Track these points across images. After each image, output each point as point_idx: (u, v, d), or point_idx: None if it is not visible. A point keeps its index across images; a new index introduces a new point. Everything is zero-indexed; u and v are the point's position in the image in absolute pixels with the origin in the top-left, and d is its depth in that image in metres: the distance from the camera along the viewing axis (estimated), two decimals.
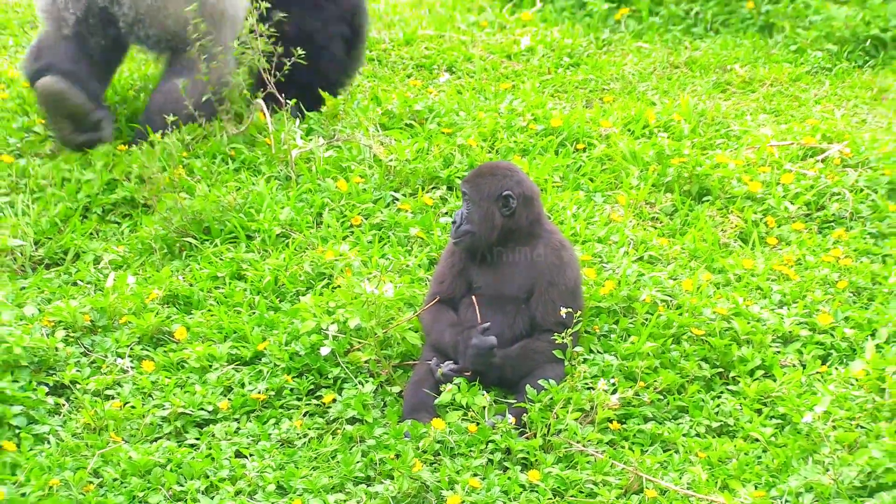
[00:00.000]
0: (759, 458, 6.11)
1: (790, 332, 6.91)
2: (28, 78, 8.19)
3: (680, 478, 5.97)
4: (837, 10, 10.11)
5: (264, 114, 8.14)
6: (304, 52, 8.48)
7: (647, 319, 6.67)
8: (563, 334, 6.29)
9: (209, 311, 6.92)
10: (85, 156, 7.87)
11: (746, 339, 6.78)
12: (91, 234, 7.55)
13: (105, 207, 7.67)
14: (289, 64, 8.28)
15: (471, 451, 5.96)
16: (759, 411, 6.49)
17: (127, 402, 6.41)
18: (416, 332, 6.62)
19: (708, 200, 7.85)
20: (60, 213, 7.57)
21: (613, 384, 6.33)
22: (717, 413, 6.50)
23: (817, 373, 6.67)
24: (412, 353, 6.58)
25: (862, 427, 6.30)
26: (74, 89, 7.92)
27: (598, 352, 6.58)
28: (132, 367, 6.63)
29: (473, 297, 6.56)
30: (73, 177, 7.76)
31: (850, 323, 7.04)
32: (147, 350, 6.77)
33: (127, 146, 8.02)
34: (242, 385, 6.49)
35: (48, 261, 7.41)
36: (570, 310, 6.36)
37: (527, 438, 6.12)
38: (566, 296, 6.57)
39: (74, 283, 7.22)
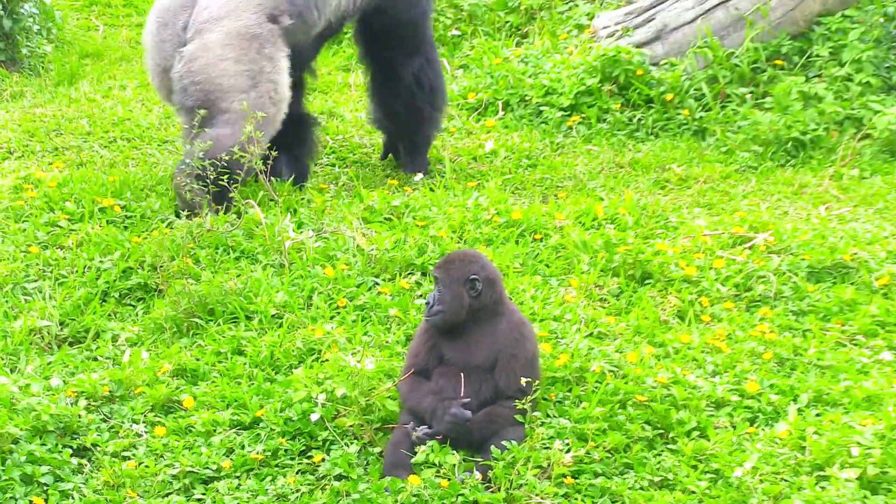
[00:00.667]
0: None
1: (722, 397, 6.95)
2: None
3: None
4: (762, 116, 10.17)
5: (258, 211, 8.22)
6: None
7: (596, 387, 6.69)
8: (524, 401, 6.35)
9: (213, 382, 6.95)
10: (104, 245, 7.93)
11: (684, 404, 6.81)
12: (109, 315, 7.58)
13: (122, 292, 7.71)
14: None
15: (443, 503, 6.00)
16: (695, 467, 6.53)
17: (141, 462, 6.41)
18: (394, 400, 6.64)
19: (649, 283, 7.90)
20: (82, 297, 7.60)
21: (567, 444, 6.35)
22: (658, 469, 6.53)
23: (746, 433, 6.71)
24: (391, 418, 6.60)
25: (786, 480, 6.35)
26: None
27: (554, 416, 6.59)
28: (146, 432, 6.65)
29: (461, 373, 6.63)
30: (93, 265, 7.80)
31: (775, 389, 7.08)
32: (159, 417, 6.79)
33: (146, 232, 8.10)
34: (243, 447, 6.49)
35: (72, 339, 7.43)
36: (529, 379, 6.41)
37: (492, 492, 6.15)
38: (526, 366, 6.59)
39: (95, 359, 7.24)
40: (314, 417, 6.59)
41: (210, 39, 9.11)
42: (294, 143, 9.73)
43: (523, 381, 6.41)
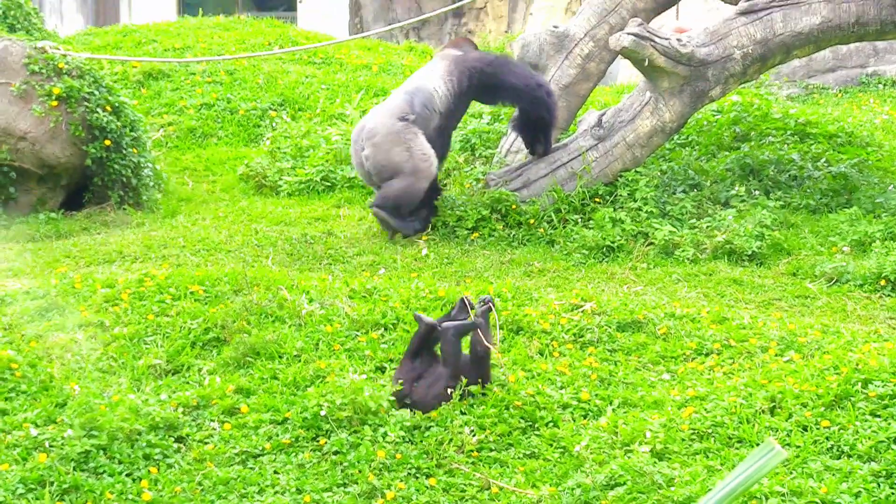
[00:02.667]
0: None
1: (567, 402, 7.01)
2: None
3: None
4: (588, 232, 10.17)
5: (286, 293, 8.18)
6: None
7: (491, 396, 6.70)
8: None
9: (259, 396, 6.98)
10: (193, 313, 7.88)
11: (543, 406, 6.86)
12: (196, 356, 7.56)
13: (203, 342, 7.68)
14: None
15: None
16: (550, 445, 6.58)
17: (216, 445, 6.47)
18: (374, 401, 6.68)
19: (522, 333, 7.89)
20: (179, 345, 7.60)
21: (473, 431, 6.39)
22: (528, 446, 6.58)
23: (581, 424, 6.77)
24: (371, 410, 6.66)
25: (606, 453, 6.40)
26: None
27: (465, 413, 6.69)
28: (219, 427, 6.70)
29: None
30: (186, 325, 7.78)
31: (599, 397, 7.10)
32: (226, 418, 6.84)
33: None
34: (277, 436, 6.58)
35: (173, 370, 7.42)
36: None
37: (429, 460, 6.16)
38: None
39: (188, 383, 7.22)
40: (322, 413, 6.59)
41: (376, 142, 10.32)
42: (426, 201, 10.65)
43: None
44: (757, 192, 11.00)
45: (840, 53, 20.79)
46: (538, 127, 10.93)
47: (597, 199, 10.78)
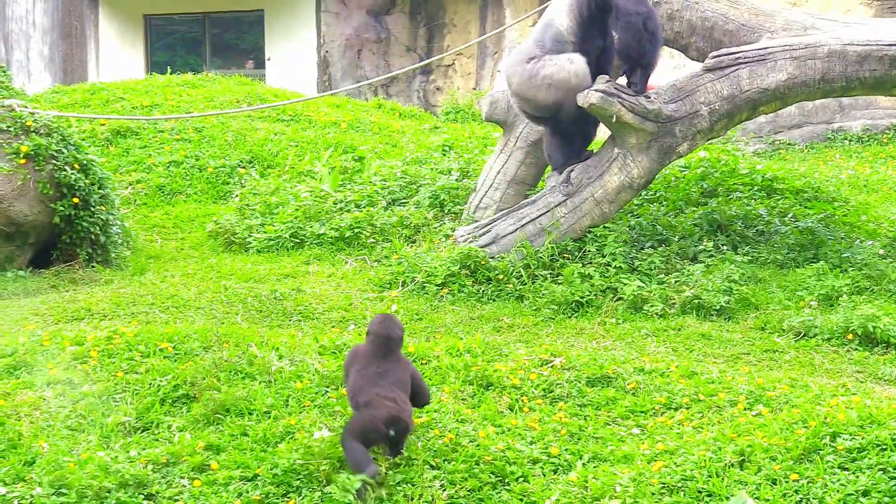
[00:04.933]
0: None
1: (536, 457, 6.99)
2: None
3: None
4: (557, 288, 10.22)
5: (256, 350, 8.18)
6: None
7: (462, 452, 6.70)
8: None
9: (229, 453, 6.95)
10: (162, 371, 7.88)
11: (514, 461, 6.86)
12: (165, 413, 7.52)
13: (173, 399, 7.64)
14: None
15: None
16: (521, 499, 6.58)
17: (186, 502, 6.48)
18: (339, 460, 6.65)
19: (492, 388, 7.89)
20: (149, 403, 7.56)
21: (443, 485, 6.37)
22: (498, 501, 6.58)
23: (552, 478, 6.77)
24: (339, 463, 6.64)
25: None
26: None
27: (437, 467, 6.67)
28: (189, 484, 6.68)
29: None
30: (155, 383, 7.75)
31: (569, 451, 7.11)
32: (196, 475, 6.79)
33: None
34: (248, 492, 6.57)
35: (142, 428, 7.36)
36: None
37: None
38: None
39: (157, 440, 7.17)
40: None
41: (514, 90, 11.02)
42: None
43: None
44: (725, 248, 11.08)
45: (806, 109, 20.97)
46: (629, 59, 10.77)
47: (566, 255, 10.83)
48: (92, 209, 11.47)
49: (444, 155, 14.16)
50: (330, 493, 6.58)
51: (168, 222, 13.59)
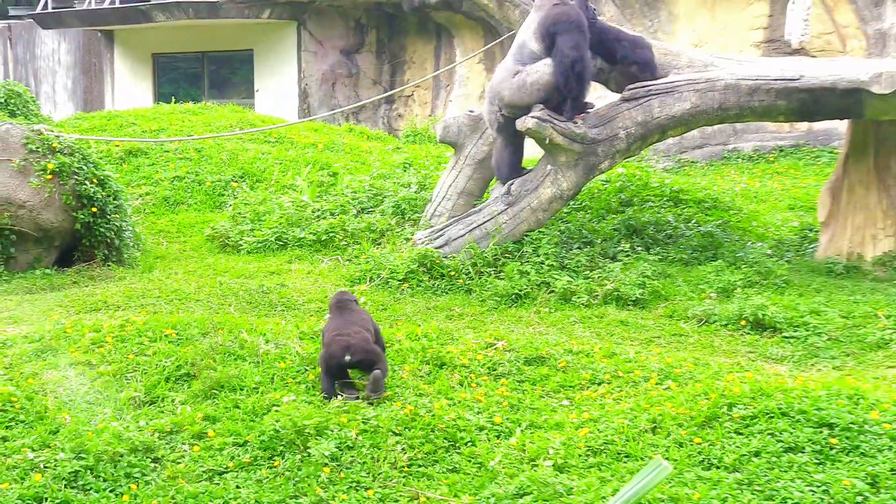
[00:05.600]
0: None
1: (483, 425, 6.99)
2: None
3: None
4: (499, 283, 10.22)
5: (246, 335, 8.12)
6: None
7: (419, 421, 6.65)
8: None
9: (224, 423, 6.91)
10: (167, 353, 7.80)
11: (463, 428, 6.84)
12: (170, 389, 7.46)
13: (176, 377, 7.59)
14: None
15: None
16: (469, 460, 6.55)
17: (187, 465, 6.41)
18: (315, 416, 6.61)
19: (445, 367, 7.87)
20: (155, 380, 7.50)
21: (403, 448, 6.34)
22: (451, 461, 6.56)
23: (495, 443, 6.77)
24: (318, 427, 6.56)
25: (516, 467, 6.38)
26: None
27: (397, 433, 6.63)
28: (189, 449, 6.61)
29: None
30: (161, 363, 7.69)
31: (510, 420, 7.10)
32: (195, 441, 6.75)
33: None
34: (239, 455, 6.54)
35: (150, 402, 7.30)
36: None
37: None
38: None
39: (162, 412, 7.12)
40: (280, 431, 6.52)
41: (506, 101, 10.74)
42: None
43: None
44: (639, 248, 11.08)
45: (706, 133, 21.02)
46: (558, 91, 10.68)
47: (507, 255, 10.80)
48: (108, 217, 11.38)
49: (405, 171, 14.10)
50: (309, 453, 6.55)
51: (172, 228, 13.49)
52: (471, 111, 12.05)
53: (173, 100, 20.70)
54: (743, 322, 9.43)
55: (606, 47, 11.13)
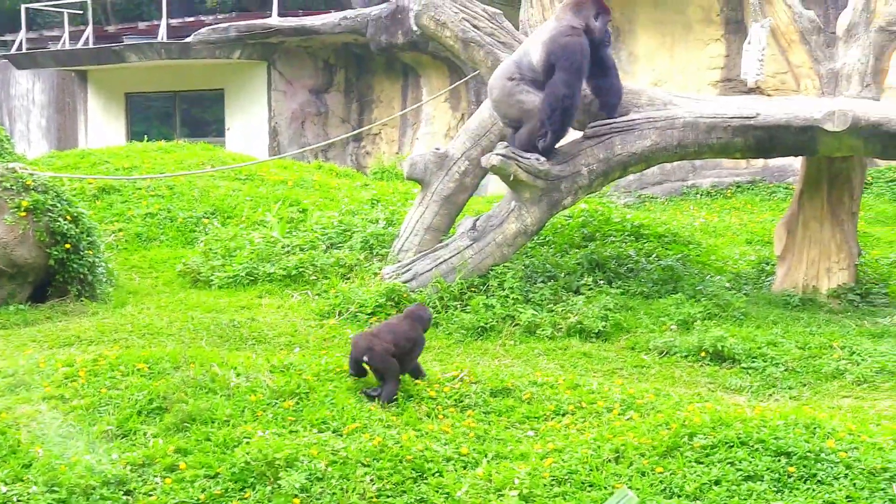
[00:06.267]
0: None
1: (450, 456, 6.99)
2: None
3: None
4: (466, 316, 10.18)
5: (217, 369, 8.08)
6: None
7: (387, 453, 6.61)
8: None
9: (195, 455, 6.86)
10: (139, 387, 7.75)
11: (431, 459, 6.82)
12: (142, 422, 7.41)
13: (148, 410, 7.52)
14: None
15: None
16: (437, 491, 6.53)
17: (158, 497, 6.35)
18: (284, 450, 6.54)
19: (412, 399, 7.83)
20: (127, 414, 7.43)
21: (372, 480, 6.29)
22: (418, 492, 6.52)
23: (462, 473, 6.73)
24: (288, 459, 6.51)
25: (482, 497, 6.34)
26: None
27: (369, 465, 6.60)
28: (161, 481, 6.55)
29: None
30: (133, 397, 7.63)
31: (476, 451, 7.08)
32: (167, 474, 6.69)
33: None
34: (210, 488, 6.47)
35: (122, 435, 7.24)
36: None
37: None
38: None
39: (134, 445, 7.07)
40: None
41: (494, 98, 10.78)
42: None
43: None
44: (602, 282, 11.10)
45: (666, 169, 21.15)
46: (541, 120, 10.68)
47: (472, 289, 10.81)
48: (81, 253, 11.31)
49: (373, 207, 14.10)
50: (279, 485, 6.51)
51: (144, 264, 13.43)
52: (437, 149, 12.06)
53: (146, 138, 20.66)
54: (703, 353, 9.46)
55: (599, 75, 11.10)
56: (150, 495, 6.51)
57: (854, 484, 6.39)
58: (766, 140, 10.73)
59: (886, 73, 11.79)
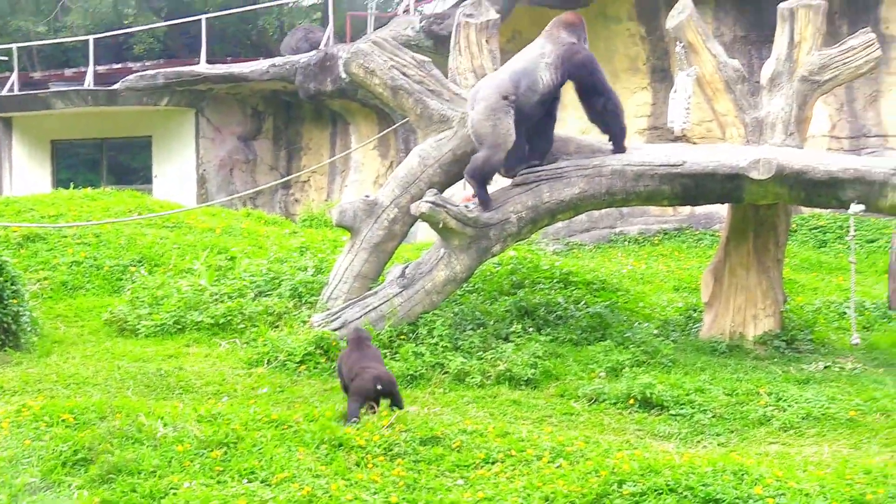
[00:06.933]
0: None
1: None
2: None
3: None
4: (395, 363, 10.11)
5: (144, 419, 7.99)
6: None
7: None
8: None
9: None
10: (64, 438, 7.64)
11: None
12: (66, 473, 7.31)
13: (72, 462, 7.42)
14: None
15: None
16: None
17: None
18: None
19: (342, 448, 7.79)
20: (52, 465, 7.33)
21: None
22: None
23: None
24: None
25: None
26: None
27: None
28: None
29: None
30: (58, 448, 7.52)
31: (406, 501, 7.06)
32: None
33: None
34: None
35: (46, 487, 7.12)
36: None
37: None
38: None
39: (59, 498, 6.97)
40: None
41: (476, 110, 10.61)
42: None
43: None
44: (531, 329, 11.14)
45: (594, 217, 21.34)
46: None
47: (402, 336, 10.80)
48: (5, 302, 11.16)
49: (302, 255, 14.06)
50: None
51: (70, 313, 13.27)
52: (366, 196, 12.06)
53: (72, 185, 20.45)
54: (631, 401, 9.51)
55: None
56: None
57: None
58: (693, 188, 10.87)
59: (809, 121, 12.03)
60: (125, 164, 28.67)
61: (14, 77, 29.04)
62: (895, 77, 21.64)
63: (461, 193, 14.06)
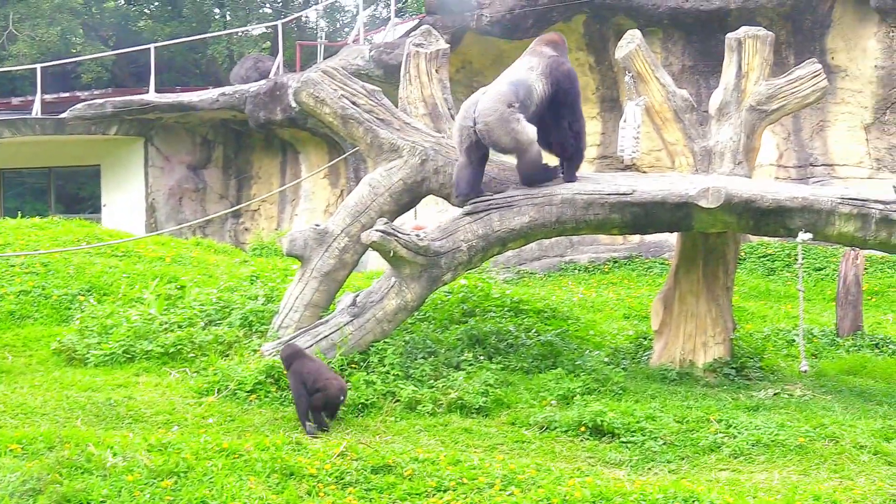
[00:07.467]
0: None
1: None
2: None
3: None
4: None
5: (97, 451, 7.92)
6: None
7: None
8: None
9: None
10: (13, 468, 7.56)
11: None
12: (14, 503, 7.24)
13: (21, 493, 7.32)
14: None
15: None
16: None
17: None
18: None
19: (294, 477, 7.77)
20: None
21: None
22: None
23: None
24: None
25: None
26: None
27: None
28: None
29: None
30: (6, 479, 7.44)
31: None
32: None
33: None
34: None
35: None
36: None
37: None
38: None
39: None
40: None
41: (489, 121, 10.71)
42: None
43: None
44: (482, 357, 11.16)
45: (544, 245, 21.45)
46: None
47: (353, 365, 10.79)
48: None
49: (252, 284, 14.02)
50: None
51: (18, 342, 13.15)
52: (317, 225, 12.05)
53: (19, 214, 20.32)
54: (583, 428, 9.55)
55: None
56: None
57: None
58: (643, 216, 10.96)
59: (757, 150, 12.17)
60: (74, 193, 28.53)
61: None
62: (841, 107, 21.95)
63: (412, 222, 14.10)
